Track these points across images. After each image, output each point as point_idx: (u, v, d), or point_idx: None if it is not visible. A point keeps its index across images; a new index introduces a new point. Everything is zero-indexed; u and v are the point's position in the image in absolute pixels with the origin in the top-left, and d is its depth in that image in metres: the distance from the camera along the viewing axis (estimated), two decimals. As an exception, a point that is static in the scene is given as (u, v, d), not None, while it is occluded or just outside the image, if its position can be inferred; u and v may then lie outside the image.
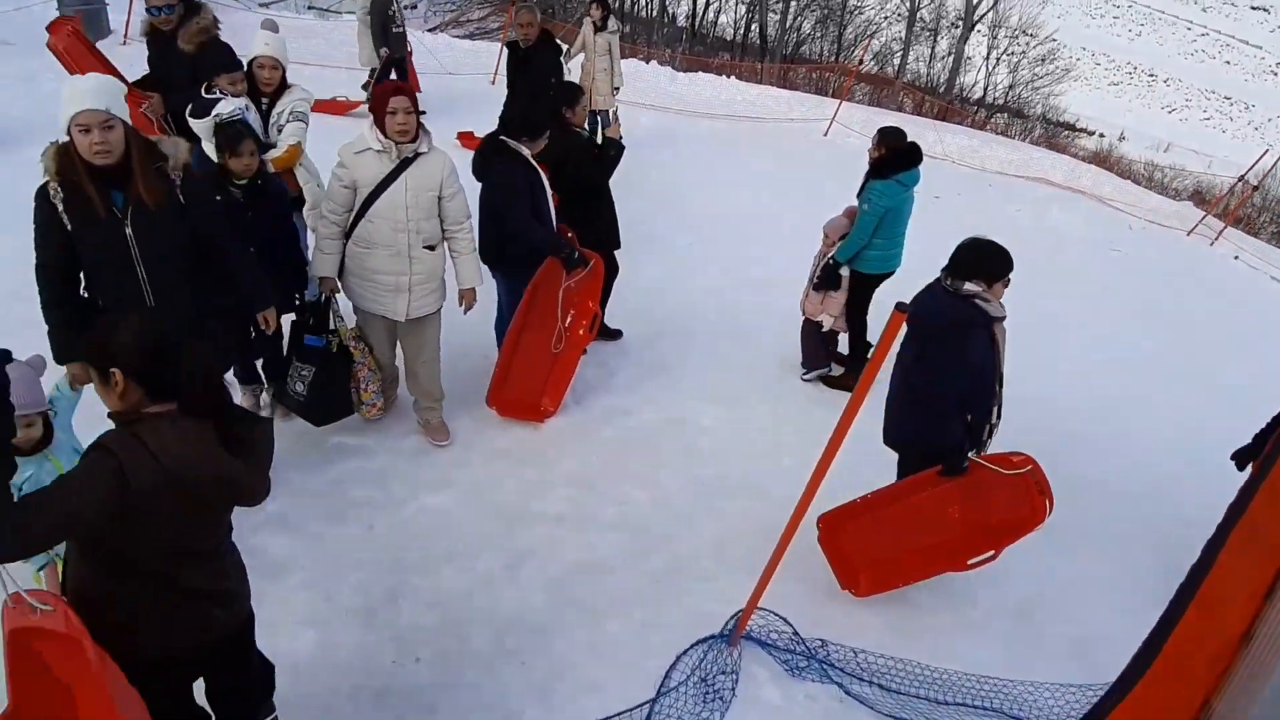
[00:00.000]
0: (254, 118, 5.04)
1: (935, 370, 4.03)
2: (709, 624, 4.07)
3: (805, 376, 6.39)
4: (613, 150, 5.63)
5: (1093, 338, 8.03)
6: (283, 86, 5.25)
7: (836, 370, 6.40)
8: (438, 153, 4.59)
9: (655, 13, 32.88)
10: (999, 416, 4.22)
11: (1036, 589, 4.61)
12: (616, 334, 6.46)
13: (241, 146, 4.35)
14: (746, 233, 9.01)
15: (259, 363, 5.03)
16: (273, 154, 4.96)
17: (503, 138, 5.06)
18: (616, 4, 30.12)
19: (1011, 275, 4.05)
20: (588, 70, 10.02)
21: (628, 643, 3.99)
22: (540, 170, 5.13)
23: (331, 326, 4.84)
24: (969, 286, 3.97)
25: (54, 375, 3.46)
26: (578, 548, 4.55)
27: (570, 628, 4.05)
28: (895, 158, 5.72)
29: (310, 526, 4.39)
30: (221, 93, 5.02)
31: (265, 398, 5.16)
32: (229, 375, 4.92)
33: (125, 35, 11.99)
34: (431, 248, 4.66)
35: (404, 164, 4.46)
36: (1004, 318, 4.05)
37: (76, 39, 7.34)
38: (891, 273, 5.99)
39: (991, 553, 4.03)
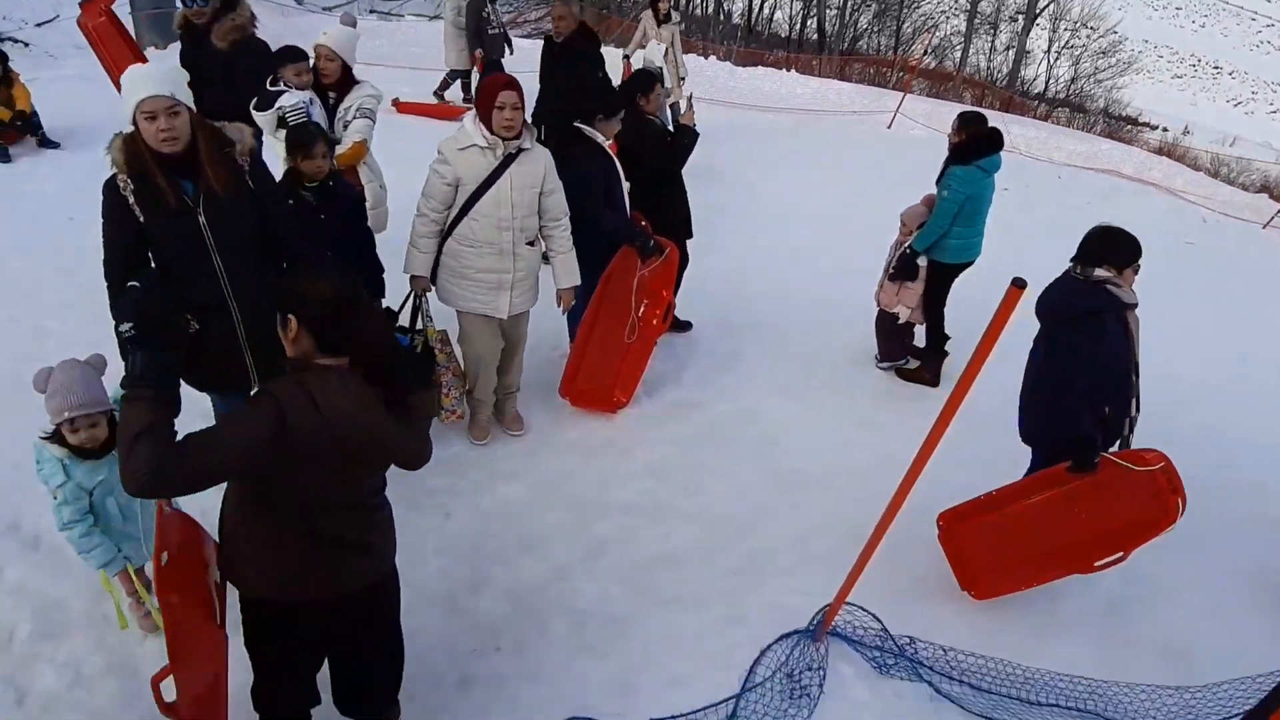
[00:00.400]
0: (318, 112, 4.98)
1: (1067, 362, 3.88)
2: (791, 618, 3.98)
3: (881, 366, 6.27)
4: (686, 138, 5.54)
5: (1171, 331, 7.70)
6: (349, 82, 5.15)
7: (912, 363, 6.25)
8: (540, 149, 4.51)
9: (710, 10, 32.74)
10: (1138, 409, 4.04)
11: (1125, 588, 4.44)
12: (687, 326, 6.39)
13: (314, 148, 4.19)
14: (814, 224, 8.89)
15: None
16: (336, 150, 4.79)
17: (577, 125, 5.01)
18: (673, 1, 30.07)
19: (1140, 262, 3.94)
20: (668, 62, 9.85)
21: (709, 636, 3.92)
22: (614, 158, 5.07)
23: (419, 325, 4.77)
24: (1100, 272, 3.85)
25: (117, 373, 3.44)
26: (654, 539, 4.49)
27: (649, 620, 3.99)
28: (976, 143, 5.58)
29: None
30: (286, 84, 4.93)
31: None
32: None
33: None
34: (531, 243, 4.59)
35: (508, 160, 4.36)
36: (1136, 305, 3.91)
37: (109, 21, 7.09)
38: (971, 262, 5.84)
39: (1120, 554, 3.83)
